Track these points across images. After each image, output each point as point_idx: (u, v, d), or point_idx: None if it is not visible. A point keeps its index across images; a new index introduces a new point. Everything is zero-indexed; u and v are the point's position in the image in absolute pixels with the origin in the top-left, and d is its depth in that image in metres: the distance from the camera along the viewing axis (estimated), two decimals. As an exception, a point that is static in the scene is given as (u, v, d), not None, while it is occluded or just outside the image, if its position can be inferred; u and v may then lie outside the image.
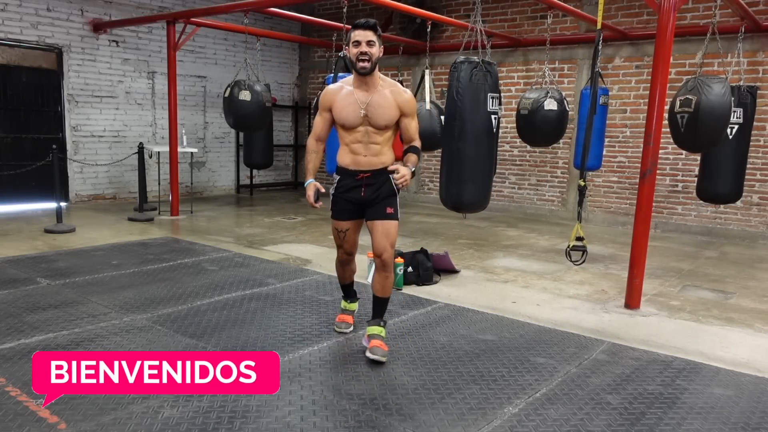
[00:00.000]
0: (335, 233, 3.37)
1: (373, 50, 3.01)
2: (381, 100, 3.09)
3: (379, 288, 3.29)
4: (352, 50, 3.02)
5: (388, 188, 3.20)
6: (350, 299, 3.70)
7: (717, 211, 7.59)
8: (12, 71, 7.96)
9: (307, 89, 11.61)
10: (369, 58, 3.00)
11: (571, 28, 8.46)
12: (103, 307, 3.99)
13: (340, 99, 3.14)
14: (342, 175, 3.24)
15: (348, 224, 3.31)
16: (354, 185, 3.19)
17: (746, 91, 5.75)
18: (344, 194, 3.24)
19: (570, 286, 4.98)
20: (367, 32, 2.99)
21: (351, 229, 3.33)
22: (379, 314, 3.34)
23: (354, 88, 3.13)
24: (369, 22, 3.02)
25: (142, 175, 7.88)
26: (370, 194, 3.18)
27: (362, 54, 2.98)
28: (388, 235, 3.18)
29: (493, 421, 2.59)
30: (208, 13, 7.79)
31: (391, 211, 3.20)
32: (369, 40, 2.99)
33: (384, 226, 3.18)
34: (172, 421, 2.48)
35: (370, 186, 3.18)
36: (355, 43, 3.01)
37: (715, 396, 2.92)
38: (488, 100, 4.69)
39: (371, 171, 3.17)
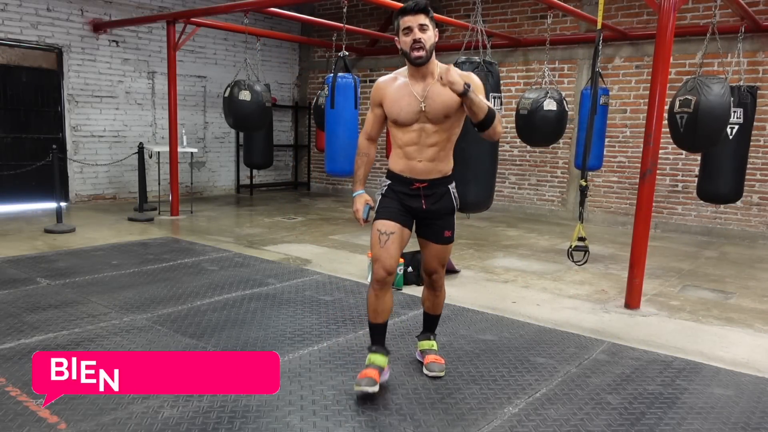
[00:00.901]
0: (376, 237, 2.76)
1: (427, 35, 2.62)
2: (440, 89, 2.66)
3: (429, 305, 3.11)
4: (402, 39, 2.64)
5: (447, 202, 2.84)
6: (379, 349, 2.86)
7: (717, 211, 7.59)
8: (12, 71, 7.96)
9: (307, 89, 11.61)
10: (423, 46, 2.61)
11: (571, 28, 8.46)
12: (103, 307, 3.99)
13: (393, 92, 2.75)
14: (393, 181, 2.83)
15: (396, 227, 2.76)
16: (410, 194, 2.79)
17: (746, 91, 5.74)
18: (398, 196, 2.81)
19: (570, 286, 4.98)
20: (418, 16, 2.59)
21: (397, 235, 2.75)
22: (429, 329, 3.17)
23: (408, 79, 2.75)
24: (419, 3, 2.60)
25: (142, 175, 7.88)
26: (431, 206, 2.80)
27: (416, 42, 2.59)
28: (442, 258, 2.94)
29: (493, 421, 2.59)
30: (208, 13, 7.79)
31: (449, 234, 2.89)
32: (421, 24, 2.60)
33: (440, 249, 2.91)
34: (172, 421, 2.49)
35: (430, 197, 2.80)
36: (405, 30, 2.62)
37: (715, 396, 2.92)
38: (490, 99, 4.69)
39: (428, 180, 2.77)
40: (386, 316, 2.83)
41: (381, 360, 2.82)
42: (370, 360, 2.83)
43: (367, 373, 2.77)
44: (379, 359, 2.82)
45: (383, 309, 2.80)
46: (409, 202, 2.79)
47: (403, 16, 2.62)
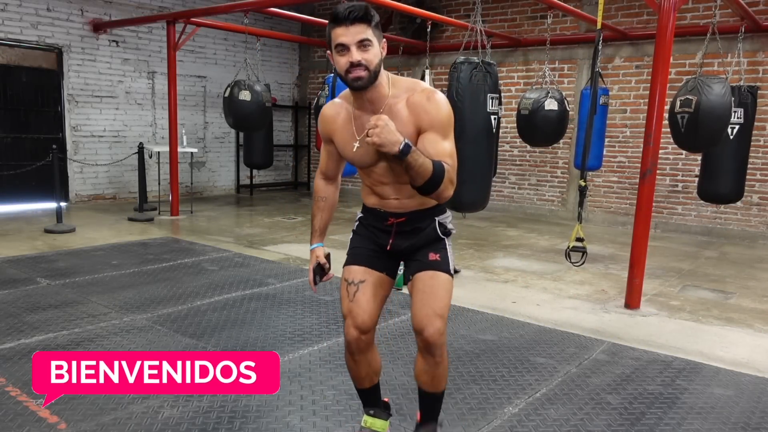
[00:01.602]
0: (344, 289, 2.17)
1: (370, 54, 1.87)
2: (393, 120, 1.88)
3: (426, 380, 2.16)
4: (336, 58, 1.89)
5: (428, 234, 2.13)
6: (378, 412, 2.36)
7: (717, 211, 7.59)
8: (12, 71, 7.96)
9: (307, 89, 11.61)
10: (366, 67, 1.87)
11: (571, 28, 8.45)
12: (103, 307, 3.99)
13: (340, 129, 2.09)
14: (366, 214, 2.22)
15: (366, 273, 2.15)
16: (382, 229, 2.17)
17: (746, 91, 5.74)
18: (369, 233, 2.21)
19: (570, 286, 4.98)
20: (357, 27, 1.84)
21: (369, 284, 2.14)
22: (430, 416, 2.28)
23: (354, 108, 2.04)
24: (354, 10, 1.84)
25: (142, 175, 7.88)
26: (400, 245, 2.15)
27: (353, 66, 1.86)
28: (432, 296, 2.03)
29: (493, 421, 2.59)
30: (208, 13, 7.79)
31: (437, 257, 2.10)
32: (362, 41, 1.85)
33: (425, 279, 2.07)
34: (172, 421, 2.49)
35: (403, 234, 2.14)
36: (339, 47, 1.87)
37: (715, 396, 2.92)
38: (488, 100, 4.70)
39: (407, 214, 2.12)
40: (375, 378, 2.29)
41: (381, 425, 2.34)
42: (367, 423, 2.35)
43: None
44: (378, 424, 2.34)
45: (367, 373, 2.24)
46: (381, 240, 2.17)
47: (335, 26, 1.87)
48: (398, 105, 1.97)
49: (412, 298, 2.08)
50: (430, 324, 2.00)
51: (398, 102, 1.98)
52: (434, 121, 1.94)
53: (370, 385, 2.30)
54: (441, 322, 2.02)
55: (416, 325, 2.03)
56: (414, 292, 2.09)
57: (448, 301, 2.07)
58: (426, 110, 1.94)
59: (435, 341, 2.02)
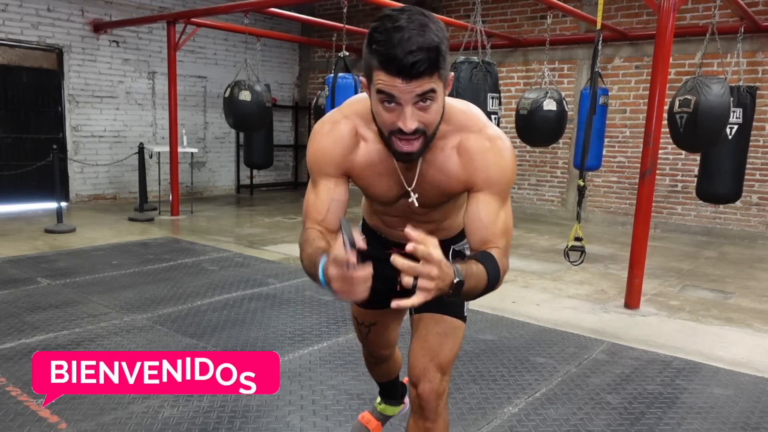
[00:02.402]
0: (356, 325, 2.01)
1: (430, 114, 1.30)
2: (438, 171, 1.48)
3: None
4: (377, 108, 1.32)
5: None
6: (389, 399, 2.27)
7: (716, 211, 7.59)
8: (12, 71, 7.96)
9: (307, 89, 11.61)
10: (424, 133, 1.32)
11: (571, 29, 8.46)
12: (104, 307, 3.99)
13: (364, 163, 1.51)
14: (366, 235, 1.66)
15: (374, 316, 1.93)
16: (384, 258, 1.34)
17: (746, 92, 5.74)
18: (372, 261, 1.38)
19: (570, 286, 4.98)
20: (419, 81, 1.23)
21: (380, 326, 1.96)
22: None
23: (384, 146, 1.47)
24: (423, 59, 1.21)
25: (142, 175, 7.88)
26: None
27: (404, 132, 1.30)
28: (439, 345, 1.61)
29: (493, 421, 2.59)
30: (208, 13, 7.80)
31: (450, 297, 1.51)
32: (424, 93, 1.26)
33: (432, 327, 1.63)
34: (172, 420, 2.49)
35: None
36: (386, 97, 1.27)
37: (714, 396, 2.93)
38: (488, 100, 4.71)
39: None
40: (393, 375, 2.22)
41: (392, 411, 2.29)
42: (379, 408, 2.28)
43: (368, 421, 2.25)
44: (389, 410, 2.28)
45: (387, 372, 2.18)
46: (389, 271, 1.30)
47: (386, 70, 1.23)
48: (446, 150, 1.45)
49: (412, 344, 1.66)
50: (426, 377, 1.58)
51: (447, 145, 1.45)
52: (494, 181, 1.43)
53: (388, 380, 2.23)
54: (440, 376, 1.58)
55: (414, 373, 1.61)
56: (415, 337, 1.66)
57: (456, 353, 1.64)
58: (486, 167, 1.43)
59: (429, 401, 1.58)
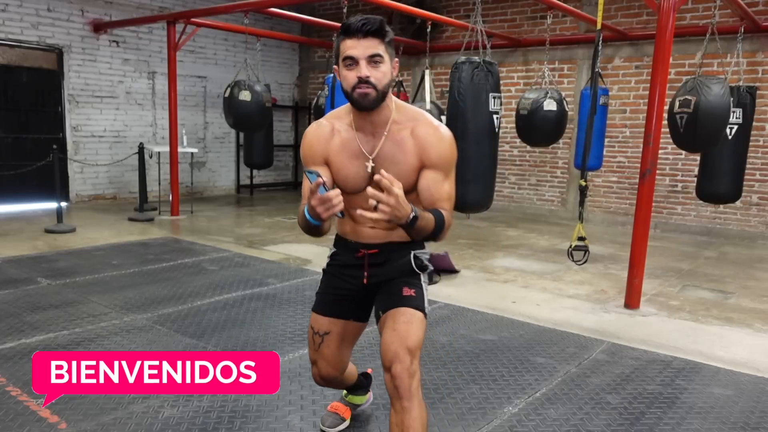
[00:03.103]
0: (310, 337, 2.17)
1: (380, 72, 1.76)
2: (395, 148, 1.87)
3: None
4: (343, 72, 1.78)
5: (403, 267, 1.99)
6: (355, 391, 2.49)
7: (716, 211, 7.59)
8: (12, 71, 7.96)
9: (307, 89, 11.61)
10: (375, 86, 1.76)
11: (571, 29, 8.46)
12: (104, 307, 3.99)
13: (337, 151, 1.92)
14: (338, 248, 2.11)
15: (330, 325, 2.11)
16: (352, 264, 2.04)
17: (745, 92, 5.75)
18: (339, 272, 2.10)
19: (570, 286, 4.98)
20: (369, 41, 1.75)
21: (334, 335, 2.10)
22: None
23: (353, 128, 1.91)
24: (370, 23, 1.76)
25: (142, 175, 7.89)
26: (375, 277, 2.01)
27: (363, 82, 1.75)
28: (405, 332, 1.83)
29: (493, 421, 2.59)
30: (208, 13, 7.80)
31: (412, 293, 1.93)
32: (372, 55, 1.75)
33: (397, 316, 1.87)
34: (172, 420, 2.49)
35: (377, 267, 2.00)
36: (348, 61, 1.76)
37: (714, 396, 2.93)
38: (490, 100, 4.70)
39: (379, 246, 1.99)
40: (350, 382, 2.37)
41: (357, 399, 2.49)
42: (347, 399, 2.48)
43: (336, 408, 2.42)
44: (355, 399, 2.48)
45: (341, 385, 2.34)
46: (348, 281, 2.05)
47: (346, 38, 1.77)
48: (402, 133, 1.87)
49: (382, 336, 1.87)
50: (396, 358, 1.77)
51: (402, 130, 1.88)
52: (440, 159, 1.86)
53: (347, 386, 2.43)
54: (410, 358, 1.77)
55: (386, 358, 1.80)
56: (384, 330, 1.87)
57: (421, 339, 1.86)
58: (433, 146, 1.86)
59: (403, 379, 1.75)
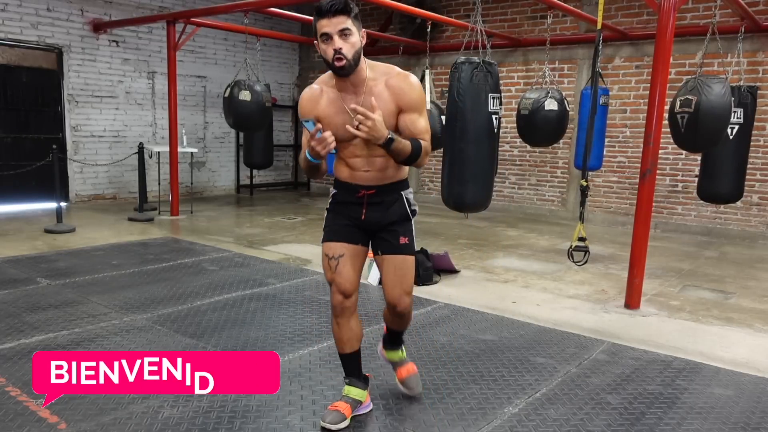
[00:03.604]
0: (326, 263, 2.47)
1: (350, 42, 2.18)
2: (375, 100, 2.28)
3: (394, 326, 2.68)
4: (322, 47, 2.22)
5: (399, 209, 2.44)
6: (354, 381, 2.60)
7: (717, 211, 7.59)
8: (12, 71, 7.96)
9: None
10: (346, 57, 2.19)
11: (571, 28, 8.46)
12: (103, 307, 3.99)
13: (324, 108, 2.35)
14: (339, 189, 2.49)
15: (344, 248, 2.44)
16: (353, 202, 2.44)
17: (746, 91, 5.74)
18: (342, 209, 2.48)
19: (570, 286, 4.98)
20: (338, 18, 2.15)
21: (347, 256, 2.44)
22: (396, 342, 2.76)
23: (338, 90, 2.34)
24: (337, 3, 2.15)
25: (142, 175, 7.88)
26: (374, 217, 2.43)
27: (337, 53, 2.18)
28: (404, 277, 2.44)
29: (493, 421, 2.59)
30: (208, 13, 7.79)
31: (405, 241, 2.43)
32: (342, 29, 2.16)
33: (397, 263, 2.44)
34: (172, 421, 2.49)
35: (375, 206, 2.42)
36: (324, 37, 2.19)
37: (715, 396, 2.92)
38: (489, 100, 4.69)
39: (375, 187, 2.41)
40: (356, 344, 2.55)
41: (356, 393, 2.57)
42: (345, 392, 2.59)
43: (336, 406, 2.52)
44: (354, 392, 2.57)
45: (349, 337, 2.52)
46: (351, 213, 2.45)
47: (320, 18, 2.19)
48: (378, 86, 2.30)
49: (384, 277, 2.48)
50: (401, 302, 2.48)
51: (377, 84, 2.30)
52: (413, 102, 2.31)
53: (351, 350, 2.56)
54: (409, 298, 2.52)
55: (390, 301, 2.49)
56: (385, 272, 2.47)
57: (413, 279, 2.52)
58: (405, 92, 2.29)
59: (404, 312, 2.53)
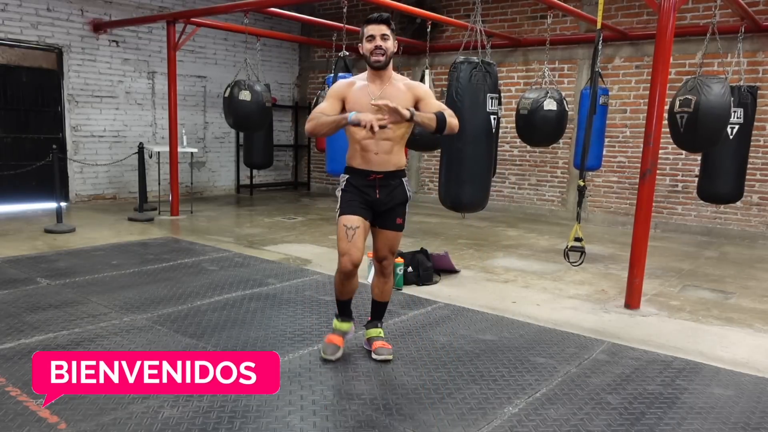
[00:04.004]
0: (343, 232, 3.03)
1: (387, 44, 2.96)
2: (395, 91, 2.99)
3: (378, 293, 3.30)
4: (366, 45, 2.97)
5: (401, 193, 3.11)
6: (345, 318, 3.33)
7: (717, 211, 7.59)
8: (12, 71, 7.95)
9: (307, 89, 11.61)
10: (384, 52, 2.95)
11: (571, 28, 8.46)
12: (103, 307, 3.99)
13: (354, 92, 3.03)
14: (351, 175, 3.09)
15: (359, 221, 3.03)
16: (367, 185, 3.05)
17: (746, 91, 5.75)
18: (356, 190, 3.06)
19: (570, 286, 4.98)
20: (381, 26, 2.95)
21: (361, 229, 3.03)
22: (377, 317, 3.36)
23: (368, 82, 3.05)
24: (382, 16, 2.96)
25: (142, 175, 7.88)
26: (384, 197, 3.06)
27: (377, 48, 2.93)
28: (392, 245, 3.19)
29: (493, 421, 2.59)
30: (208, 13, 7.79)
31: (401, 222, 3.16)
32: (383, 34, 2.94)
33: (390, 237, 3.16)
34: (172, 421, 2.49)
35: (384, 188, 3.06)
36: (369, 37, 2.96)
37: (715, 396, 2.92)
38: (487, 100, 4.69)
39: (383, 172, 3.04)
40: (352, 294, 3.27)
41: (346, 326, 3.32)
42: (336, 326, 3.30)
43: (332, 339, 3.26)
44: (344, 326, 3.31)
45: (349, 290, 3.23)
46: (366, 194, 3.06)
47: (368, 24, 2.97)
48: (398, 84, 3.05)
49: (377, 242, 3.18)
50: (386, 258, 3.21)
51: (398, 83, 3.06)
52: (424, 92, 3.07)
53: (348, 298, 3.27)
54: (393, 257, 3.25)
55: (378, 256, 3.21)
56: (379, 240, 3.17)
57: (398, 244, 3.26)
58: (418, 87, 3.10)
59: (387, 267, 3.24)
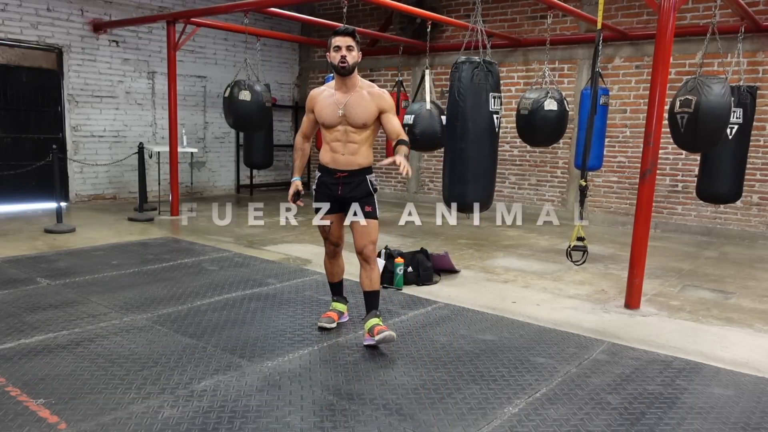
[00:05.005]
0: (321, 230, 3.61)
1: (352, 54, 3.30)
2: (359, 99, 3.33)
3: (367, 283, 3.47)
4: (332, 54, 3.31)
5: (364, 188, 3.43)
6: (339, 299, 3.82)
7: (717, 211, 7.59)
8: (12, 71, 7.95)
9: (307, 89, 11.60)
10: (347, 62, 3.28)
11: (571, 28, 8.46)
12: (103, 307, 3.99)
13: (321, 100, 3.44)
14: (322, 173, 3.50)
15: (332, 218, 3.54)
16: (332, 182, 3.45)
17: (746, 91, 5.75)
18: (324, 189, 3.49)
19: (570, 286, 4.98)
20: (347, 38, 3.28)
21: (335, 223, 3.56)
22: (373, 306, 3.49)
23: (335, 90, 3.40)
24: (348, 29, 3.31)
25: (142, 175, 7.88)
26: (346, 192, 3.42)
27: (342, 58, 3.26)
28: (368, 233, 3.42)
29: (493, 421, 2.59)
30: (208, 13, 7.79)
31: (370, 209, 3.42)
32: (348, 45, 3.28)
33: (364, 224, 3.41)
34: (172, 421, 2.49)
35: (347, 185, 3.42)
36: (335, 48, 3.29)
37: (715, 396, 2.93)
38: (490, 99, 4.69)
39: (348, 171, 3.40)
40: (341, 275, 3.77)
41: (341, 306, 3.80)
42: (333, 306, 3.80)
43: (329, 314, 3.73)
44: (339, 306, 3.80)
45: (337, 271, 3.75)
46: (330, 190, 3.47)
47: (336, 36, 3.32)
48: (363, 92, 3.38)
49: (355, 234, 3.45)
50: (365, 247, 3.43)
51: (363, 90, 3.39)
52: (387, 105, 3.39)
53: (338, 279, 3.78)
54: (373, 245, 3.45)
55: (358, 248, 3.45)
56: (355, 230, 3.45)
57: (377, 235, 3.48)
58: (382, 98, 3.39)
59: (368, 255, 3.43)
